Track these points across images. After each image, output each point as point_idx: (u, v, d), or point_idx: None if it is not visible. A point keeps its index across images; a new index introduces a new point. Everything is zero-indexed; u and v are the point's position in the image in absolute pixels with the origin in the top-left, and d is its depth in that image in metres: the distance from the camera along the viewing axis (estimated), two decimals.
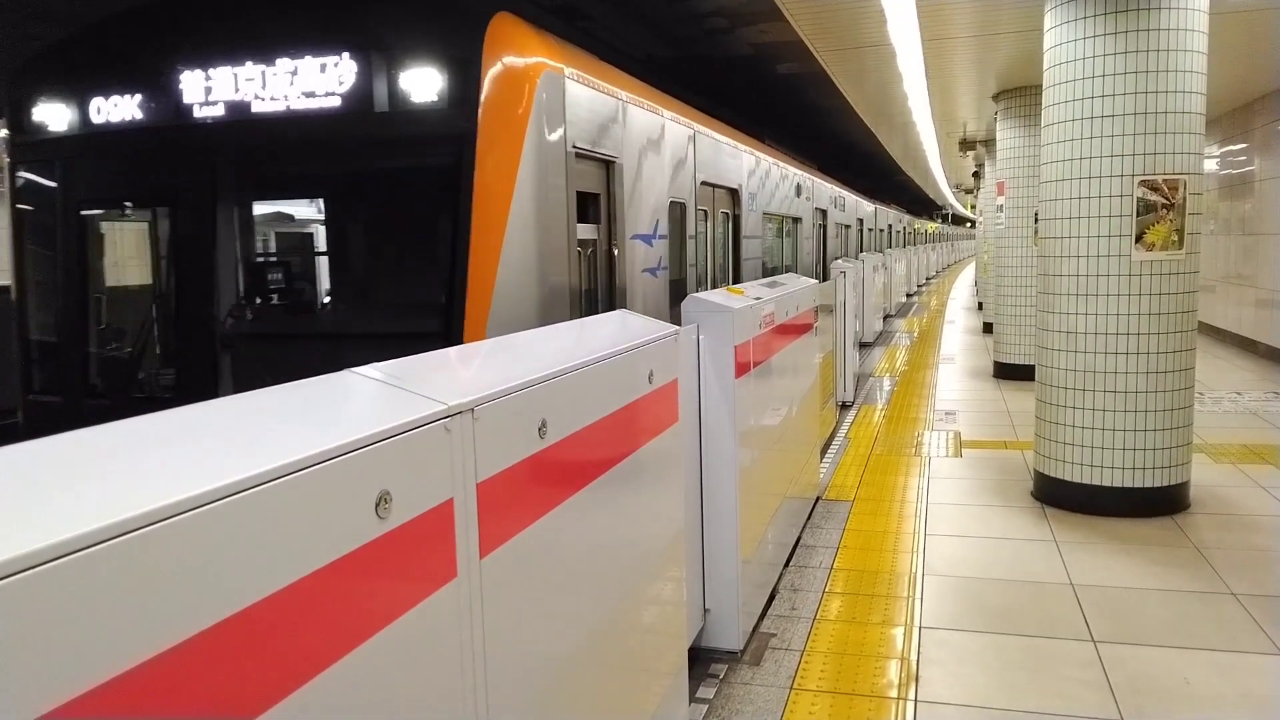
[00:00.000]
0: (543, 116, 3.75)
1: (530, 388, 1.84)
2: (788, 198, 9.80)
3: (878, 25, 7.26)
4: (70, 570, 0.87)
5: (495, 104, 3.63)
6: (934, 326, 16.60)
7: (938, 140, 16.02)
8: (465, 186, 3.57)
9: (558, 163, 3.87)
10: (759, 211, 8.27)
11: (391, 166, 4.07)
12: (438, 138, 3.72)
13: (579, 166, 4.12)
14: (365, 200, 4.49)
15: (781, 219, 9.75)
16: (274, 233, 4.67)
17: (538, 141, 3.71)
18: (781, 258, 9.95)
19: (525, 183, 3.64)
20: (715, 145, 6.69)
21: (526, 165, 3.64)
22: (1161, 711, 3.12)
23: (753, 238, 8.00)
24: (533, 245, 3.67)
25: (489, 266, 3.54)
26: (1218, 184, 13.30)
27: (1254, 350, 11.64)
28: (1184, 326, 5.18)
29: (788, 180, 9.84)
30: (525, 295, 3.65)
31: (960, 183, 28.16)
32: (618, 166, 4.62)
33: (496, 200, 3.57)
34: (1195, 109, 5.09)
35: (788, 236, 10.30)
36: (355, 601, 1.29)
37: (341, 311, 4.37)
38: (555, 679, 1.97)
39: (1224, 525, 5.02)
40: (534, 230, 3.68)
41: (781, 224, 9.88)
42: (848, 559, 4.63)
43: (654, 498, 2.68)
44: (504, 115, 3.64)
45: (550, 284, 3.79)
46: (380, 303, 4.30)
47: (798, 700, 3.24)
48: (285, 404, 1.48)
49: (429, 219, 4.00)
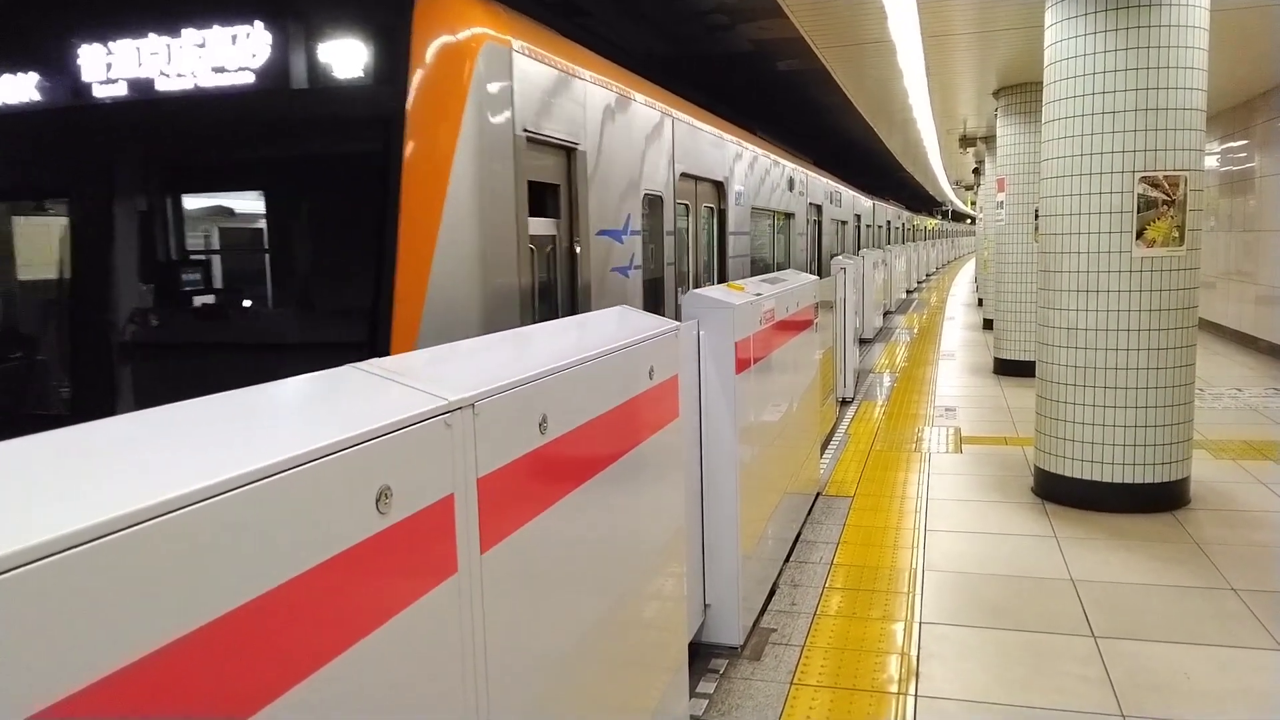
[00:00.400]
0: (484, 95, 3.32)
1: (531, 383, 1.84)
2: (780, 192, 9.23)
3: (878, 21, 7.25)
4: (69, 566, 0.87)
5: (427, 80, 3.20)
6: (934, 323, 16.60)
7: (938, 137, 16.01)
8: (392, 175, 3.14)
9: (504, 148, 3.46)
10: (747, 206, 7.72)
11: (309, 153, 3.60)
12: (361, 119, 3.30)
13: (532, 153, 3.70)
14: (280, 191, 3.99)
15: (773, 214, 9.20)
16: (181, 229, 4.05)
17: (479, 123, 3.28)
18: (773, 255, 9.41)
19: (464, 170, 3.22)
20: (698, 135, 6.22)
21: (465, 150, 3.22)
22: (1162, 706, 3.12)
23: (740, 234, 7.48)
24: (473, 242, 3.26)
25: (420, 267, 3.13)
26: (1218, 180, 13.29)
27: (1254, 346, 11.64)
28: (1185, 323, 5.18)
29: (780, 174, 9.27)
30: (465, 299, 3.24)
31: (960, 179, 28.14)
32: (580, 154, 4.16)
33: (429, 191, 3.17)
34: (1196, 105, 5.08)
35: (780, 233, 9.72)
36: (356, 597, 1.29)
37: (253, 319, 3.87)
38: (556, 674, 1.97)
39: (1224, 521, 5.02)
40: (475, 225, 3.26)
41: (773, 220, 9.32)
42: (848, 554, 4.63)
43: (654, 493, 2.68)
44: (437, 93, 3.21)
45: (496, 286, 3.37)
46: (296, 309, 3.81)
47: (798, 695, 3.24)
48: (286, 399, 1.47)
49: (351, 213, 3.60)
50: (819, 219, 12.17)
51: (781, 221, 9.77)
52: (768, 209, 8.74)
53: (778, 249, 9.64)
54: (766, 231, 9.07)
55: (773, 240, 9.41)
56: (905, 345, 13.34)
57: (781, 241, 9.84)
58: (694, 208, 6.36)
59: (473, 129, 3.26)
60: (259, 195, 4.09)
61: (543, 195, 3.96)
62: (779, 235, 9.72)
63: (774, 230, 9.44)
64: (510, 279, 3.49)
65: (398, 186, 3.14)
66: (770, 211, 8.96)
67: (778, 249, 9.64)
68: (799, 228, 10.44)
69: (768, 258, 9.06)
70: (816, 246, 12.01)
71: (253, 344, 3.61)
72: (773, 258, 9.38)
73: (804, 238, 10.86)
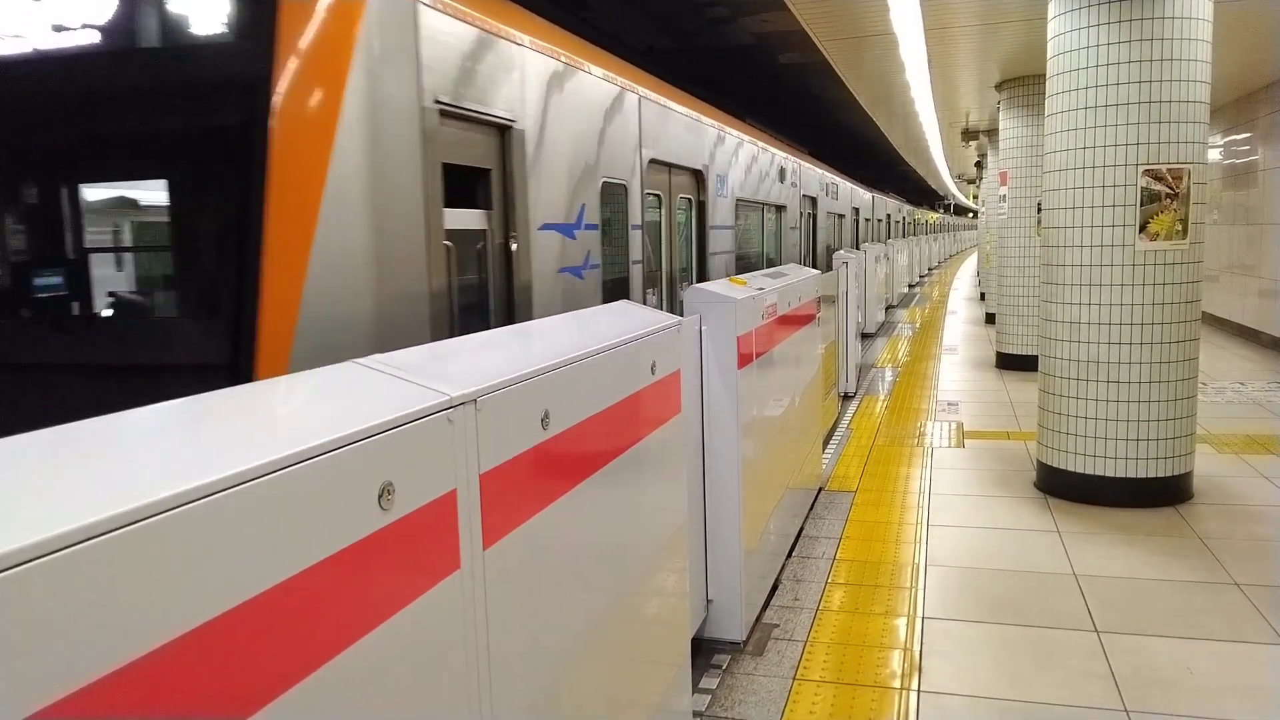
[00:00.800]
0: (378, 55, 2.73)
1: (533, 378, 1.83)
2: (769, 183, 8.60)
3: (880, 14, 7.22)
4: (71, 563, 0.86)
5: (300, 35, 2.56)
6: (936, 317, 16.58)
7: (940, 130, 15.96)
8: (255, 155, 2.49)
9: (407, 122, 2.88)
10: (731, 198, 7.02)
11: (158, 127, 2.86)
12: (219, 85, 2.63)
13: (448, 130, 3.12)
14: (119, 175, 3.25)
15: (761, 207, 8.50)
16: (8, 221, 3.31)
17: (370, 91, 2.69)
18: (762, 251, 8.69)
19: (349, 149, 2.63)
20: (670, 117, 5.51)
21: (351, 124, 2.63)
22: (1165, 701, 3.12)
23: (723, 228, 6.79)
24: (363, 238, 2.68)
25: (292, 271, 2.50)
26: (1221, 174, 13.25)
27: (1257, 340, 11.62)
28: (1188, 316, 5.17)
29: (769, 164, 8.62)
30: (353, 308, 2.66)
31: (962, 173, 28.08)
32: (517, 133, 3.52)
33: (303, 175, 2.55)
34: (1200, 98, 5.06)
35: (770, 227, 9.04)
36: (359, 593, 1.29)
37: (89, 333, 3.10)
38: (559, 669, 1.97)
39: (1227, 515, 5.02)
40: (365, 217, 2.68)
41: (762, 212, 8.61)
42: (850, 550, 4.63)
43: (657, 489, 2.68)
44: (314, 52, 2.59)
45: (395, 292, 2.80)
46: (142, 322, 3.06)
47: (801, 690, 3.24)
48: (288, 395, 1.47)
49: (207, 202, 2.93)
50: (814, 212, 11.51)
51: (771, 215, 9.10)
52: (755, 201, 8.08)
53: (767, 245, 8.96)
54: (754, 226, 8.42)
55: (761, 235, 8.77)
56: (907, 340, 13.33)
57: (771, 237, 9.15)
58: (668, 199, 5.72)
59: (361, 97, 2.67)
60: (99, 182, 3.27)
61: (467, 182, 3.37)
62: (769, 230, 9.04)
63: (763, 224, 8.79)
64: (415, 283, 2.92)
65: (262, 170, 2.48)
66: (758, 204, 8.29)
67: (767, 245, 8.96)
68: (791, 221, 9.76)
69: (756, 254, 8.44)
70: (811, 242, 11.38)
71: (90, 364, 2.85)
72: (762, 254, 8.75)
73: (797, 232, 10.20)
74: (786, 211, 9.52)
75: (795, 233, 10.08)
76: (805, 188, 10.78)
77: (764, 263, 8.66)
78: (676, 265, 6.03)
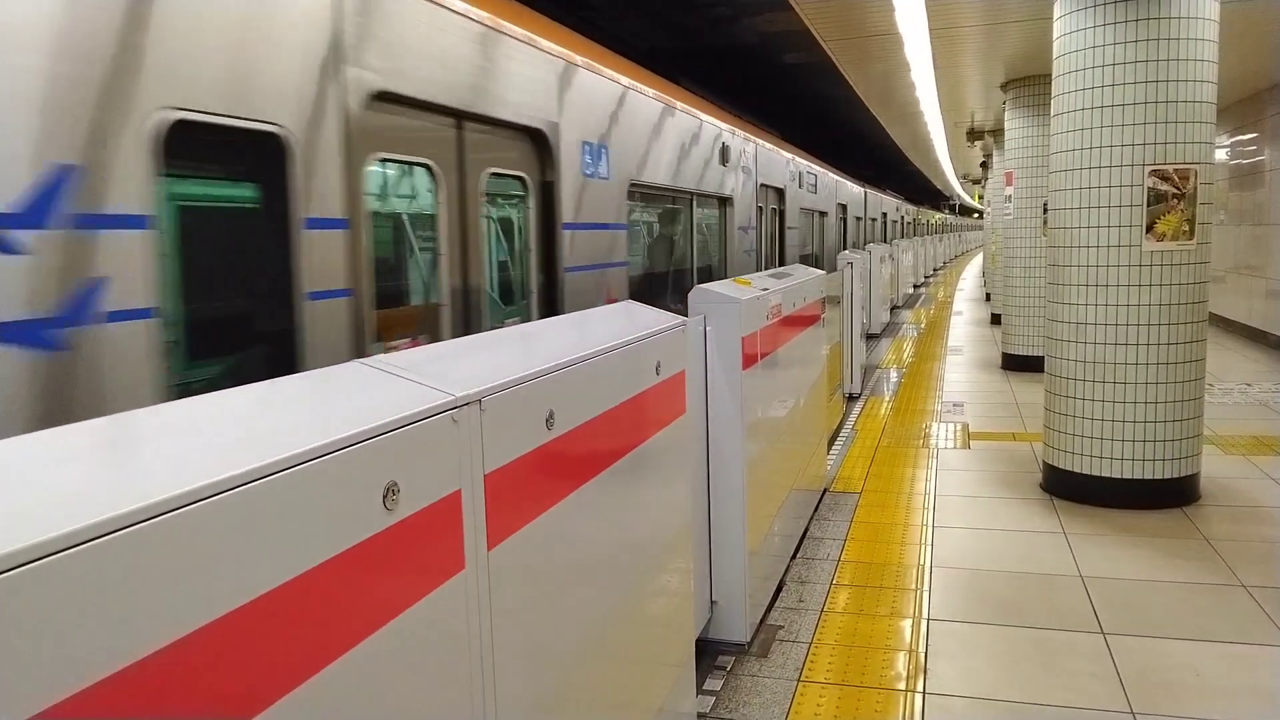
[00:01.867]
0: None
1: (537, 379, 1.83)
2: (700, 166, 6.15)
3: (885, 14, 7.21)
4: (73, 564, 0.86)
5: None
6: (941, 318, 16.55)
7: (945, 130, 15.94)
8: None
9: None
10: (617, 180, 4.68)
11: None
12: None
13: None
14: None
15: (690, 198, 6.19)
16: None
17: None
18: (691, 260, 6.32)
19: None
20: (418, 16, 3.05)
21: None
22: (1171, 703, 3.10)
23: (592, 228, 4.37)
24: None
25: None
26: (1227, 174, 13.21)
27: (1264, 341, 11.57)
28: (1194, 317, 5.15)
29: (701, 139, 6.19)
30: None
31: (968, 173, 28.03)
32: None
33: None
34: (1206, 98, 5.05)
35: (702, 226, 6.66)
36: (364, 593, 1.28)
37: None
38: (563, 670, 1.96)
39: (1234, 517, 5.00)
40: None
41: (687, 207, 6.29)
42: (855, 551, 4.62)
43: (661, 490, 2.67)
44: None
45: None
46: None
47: (805, 692, 3.23)
48: (293, 395, 1.47)
49: None
50: (779, 207, 9.15)
51: (707, 210, 6.80)
52: (671, 189, 5.65)
53: (696, 251, 6.45)
54: (669, 223, 6.25)
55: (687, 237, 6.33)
56: (912, 340, 13.30)
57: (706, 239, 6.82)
58: (456, 176, 3.41)
59: None
60: None
61: None
62: (702, 230, 6.69)
63: (690, 223, 6.35)
64: None
65: None
66: (676, 193, 5.93)
67: (696, 251, 6.45)
68: (740, 218, 7.36)
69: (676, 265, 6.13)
70: (777, 246, 9.05)
71: None
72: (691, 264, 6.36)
73: (751, 235, 7.70)
74: (734, 206, 7.11)
75: (748, 235, 7.60)
76: (767, 176, 8.42)
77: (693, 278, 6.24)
78: (473, 289, 3.53)
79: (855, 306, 8.94)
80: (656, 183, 5.32)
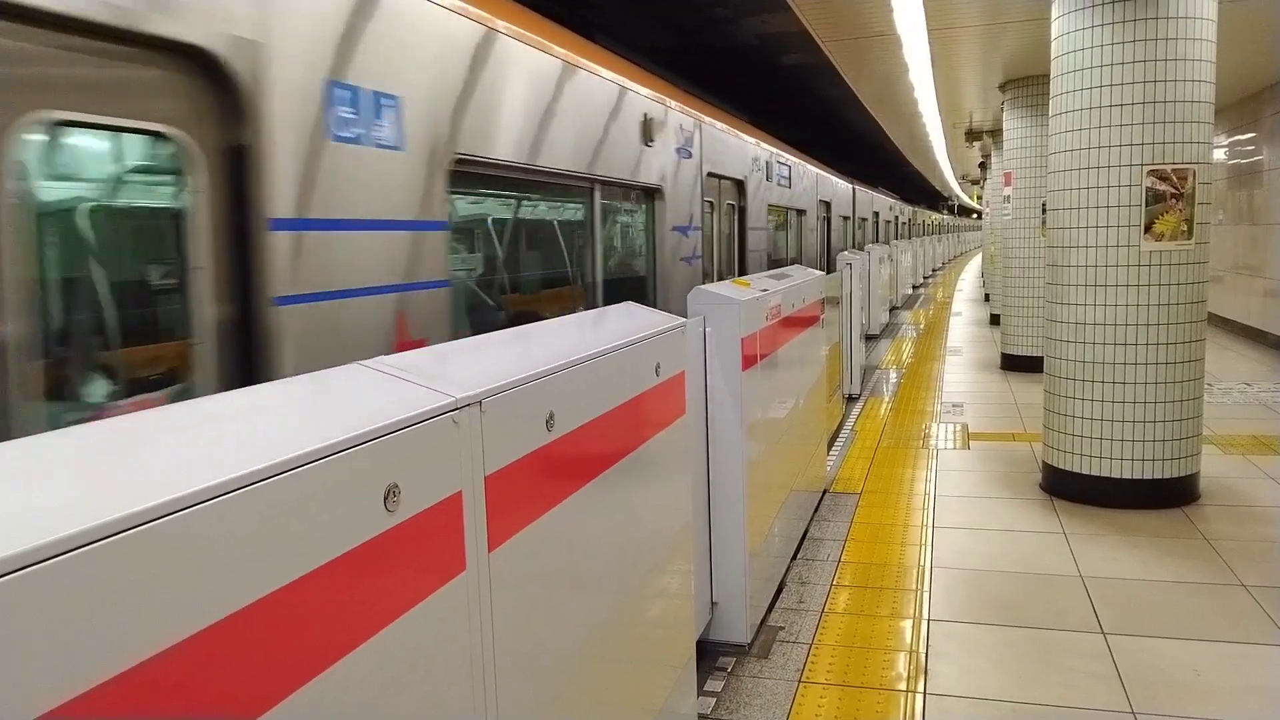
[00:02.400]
0: None
1: (538, 380, 1.83)
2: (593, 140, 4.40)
3: (884, 15, 7.22)
4: (75, 566, 0.86)
5: None
6: (940, 318, 16.56)
7: (944, 131, 15.95)
8: None
9: None
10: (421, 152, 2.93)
11: None
12: None
13: None
14: None
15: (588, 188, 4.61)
16: None
17: None
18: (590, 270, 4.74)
19: None
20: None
21: None
22: (1171, 703, 3.11)
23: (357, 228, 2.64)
24: None
25: None
26: (1226, 174, 13.22)
27: (1263, 341, 11.58)
28: (1193, 317, 5.15)
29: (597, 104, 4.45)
30: None
31: (966, 174, 28.05)
32: None
33: None
34: (1205, 98, 5.05)
35: (608, 226, 5.09)
36: (365, 595, 1.28)
37: None
38: (564, 671, 1.96)
39: (1234, 517, 5.00)
40: None
41: (591, 198, 4.66)
42: (855, 552, 4.62)
43: (661, 491, 2.67)
44: None
45: None
46: None
47: (806, 693, 3.23)
48: (293, 397, 1.47)
49: None
50: (740, 204, 7.56)
51: (629, 206, 5.35)
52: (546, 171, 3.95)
53: (600, 259, 4.80)
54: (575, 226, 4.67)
55: (584, 240, 4.72)
56: (911, 341, 13.31)
57: (617, 243, 5.34)
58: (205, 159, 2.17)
59: None
60: None
61: None
62: (624, 234, 5.42)
63: (590, 220, 4.70)
64: None
65: None
66: (565, 179, 4.31)
67: (600, 259, 4.80)
68: (676, 216, 5.68)
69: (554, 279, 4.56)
70: (733, 250, 7.44)
71: None
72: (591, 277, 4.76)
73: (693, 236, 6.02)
74: (664, 200, 5.47)
75: (689, 238, 5.92)
76: (719, 163, 6.69)
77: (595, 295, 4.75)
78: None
79: (854, 307, 8.95)
80: (512, 160, 3.59)
